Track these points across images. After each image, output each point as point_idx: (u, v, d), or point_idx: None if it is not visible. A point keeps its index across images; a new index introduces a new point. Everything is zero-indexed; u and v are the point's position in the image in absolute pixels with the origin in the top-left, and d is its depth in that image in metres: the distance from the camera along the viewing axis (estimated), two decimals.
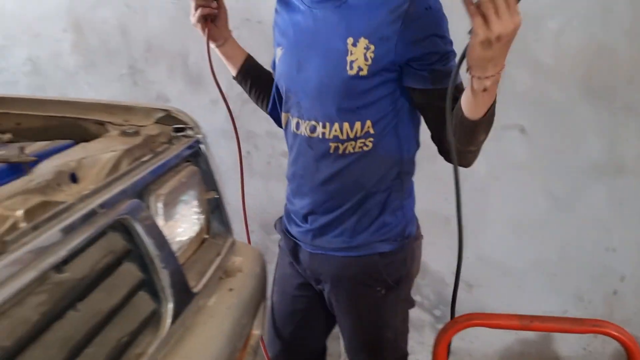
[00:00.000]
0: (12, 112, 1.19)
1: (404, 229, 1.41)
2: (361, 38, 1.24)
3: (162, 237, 0.88)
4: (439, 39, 1.22)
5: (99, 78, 2.29)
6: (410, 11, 1.19)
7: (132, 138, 1.02)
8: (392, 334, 1.49)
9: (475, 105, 1.11)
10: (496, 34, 0.97)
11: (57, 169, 0.83)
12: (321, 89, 1.28)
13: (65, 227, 0.70)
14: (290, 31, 1.38)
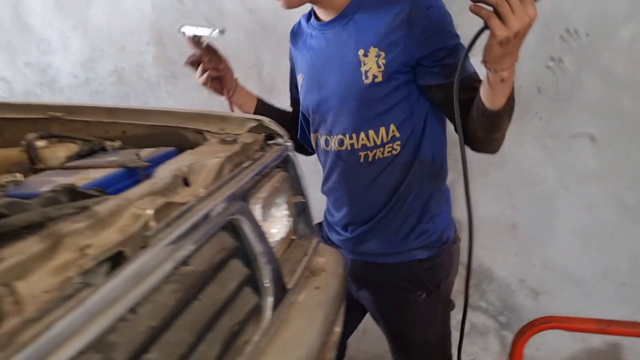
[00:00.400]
0: (119, 122, 1.31)
1: (442, 235, 1.49)
2: (371, 48, 1.33)
3: (264, 237, 0.97)
4: (445, 34, 1.29)
5: (178, 88, 2.43)
6: (412, 14, 1.27)
7: (231, 146, 1.11)
8: (434, 336, 1.56)
9: (494, 96, 1.16)
10: (514, 31, 1.02)
11: (173, 174, 0.93)
12: (342, 101, 1.37)
13: (190, 226, 0.79)
14: (306, 57, 1.50)
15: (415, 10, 1.27)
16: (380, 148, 1.38)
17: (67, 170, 1.07)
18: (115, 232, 0.76)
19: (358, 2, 1.36)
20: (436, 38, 1.28)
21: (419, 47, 1.28)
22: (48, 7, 2.51)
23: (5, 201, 0.73)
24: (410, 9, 1.27)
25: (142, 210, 0.80)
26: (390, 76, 1.32)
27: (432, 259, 1.47)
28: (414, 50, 1.29)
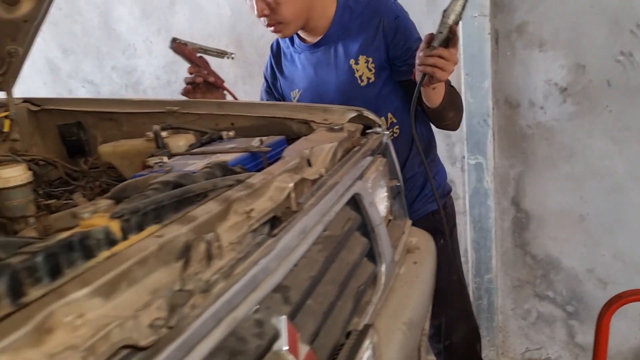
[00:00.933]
0: (229, 114, 1.45)
1: (443, 188, 1.87)
2: (360, 56, 1.65)
3: (378, 212, 1.08)
4: (410, 37, 1.62)
5: (254, 88, 2.58)
6: (385, 22, 1.61)
7: (339, 133, 1.23)
8: (455, 275, 1.83)
9: (430, 100, 1.51)
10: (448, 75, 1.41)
11: (300, 155, 1.06)
12: (345, 104, 1.57)
13: (329, 197, 0.91)
14: (299, 75, 1.79)
15: (387, 20, 1.61)
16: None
17: (197, 155, 1.21)
18: (267, 200, 0.90)
19: (338, 24, 1.67)
20: (403, 41, 1.61)
21: (392, 49, 1.62)
22: (135, 15, 2.71)
23: (178, 173, 0.87)
24: (383, 18, 1.61)
25: (284, 184, 0.93)
26: (379, 75, 1.65)
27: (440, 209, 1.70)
28: (389, 51, 1.62)
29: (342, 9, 1.68)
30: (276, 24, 1.62)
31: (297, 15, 1.61)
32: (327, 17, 1.68)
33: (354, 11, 1.66)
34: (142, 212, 0.73)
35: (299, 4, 1.59)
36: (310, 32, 1.71)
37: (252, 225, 0.81)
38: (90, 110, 1.61)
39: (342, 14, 1.67)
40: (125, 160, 1.42)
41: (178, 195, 0.78)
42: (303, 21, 1.65)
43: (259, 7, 1.57)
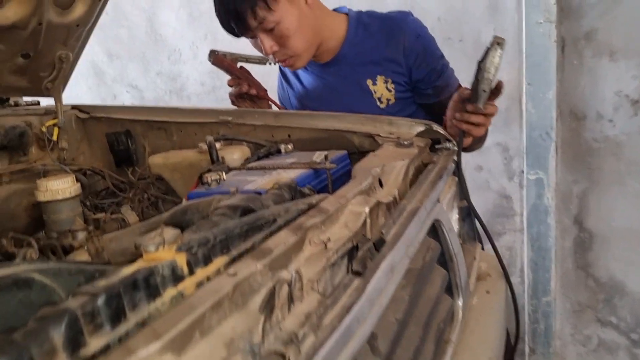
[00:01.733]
0: (285, 126, 1.36)
1: None
2: (378, 76, 1.53)
3: (457, 239, 0.98)
4: (433, 58, 1.51)
5: None
6: (405, 43, 1.48)
7: (409, 149, 1.14)
8: None
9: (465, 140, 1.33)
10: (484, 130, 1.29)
11: (372, 175, 0.96)
12: None
13: (412, 226, 0.81)
14: (311, 95, 1.67)
15: (407, 41, 1.49)
16: None
17: (255, 170, 1.13)
18: (342, 228, 0.80)
19: (351, 42, 1.55)
20: (427, 62, 1.50)
21: (415, 71, 1.50)
22: (181, 19, 2.66)
23: (247, 196, 0.79)
24: (403, 39, 1.49)
25: (360, 208, 0.84)
26: (400, 97, 1.53)
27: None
28: (412, 73, 1.51)
29: (355, 26, 1.56)
30: (287, 58, 1.50)
31: (308, 45, 1.49)
32: (338, 36, 1.56)
33: (368, 27, 1.54)
34: (211, 243, 0.64)
35: (308, 34, 1.48)
36: (321, 54, 1.59)
37: (330, 259, 0.71)
38: (139, 119, 1.55)
39: (356, 31, 1.55)
40: (176, 173, 1.35)
41: (250, 223, 0.70)
42: (315, 48, 1.53)
43: (266, 44, 1.45)
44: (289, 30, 1.43)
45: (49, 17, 1.32)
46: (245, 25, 1.43)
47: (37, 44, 1.36)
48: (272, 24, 1.41)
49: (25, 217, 1.31)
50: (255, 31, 1.44)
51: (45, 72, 1.46)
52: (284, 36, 1.44)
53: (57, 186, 1.19)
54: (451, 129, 1.31)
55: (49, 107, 1.56)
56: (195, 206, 0.82)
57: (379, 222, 0.88)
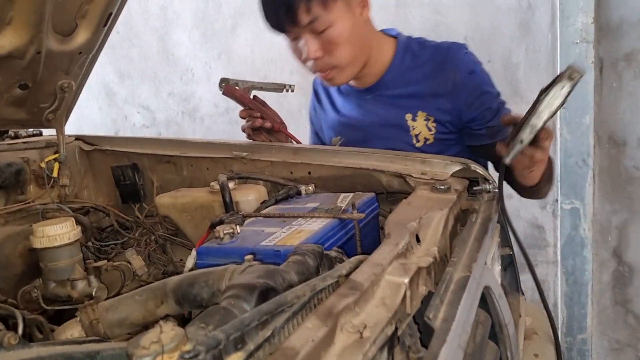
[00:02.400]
0: (305, 162, 1.24)
1: None
2: (419, 112, 1.37)
3: (507, 307, 0.84)
4: (488, 96, 1.35)
5: None
6: (457, 80, 1.33)
7: (446, 195, 1.01)
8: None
9: (527, 178, 1.18)
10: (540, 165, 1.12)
11: (409, 232, 0.83)
12: None
13: (464, 304, 0.68)
14: (343, 121, 1.51)
15: (460, 77, 1.33)
16: None
17: (273, 219, 1.00)
18: (379, 306, 0.67)
19: (396, 70, 1.40)
20: (481, 101, 1.34)
21: (467, 111, 1.34)
22: (194, 39, 2.56)
23: (266, 270, 0.66)
24: (455, 75, 1.33)
25: (398, 279, 0.71)
26: (441, 137, 1.37)
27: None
28: (462, 114, 1.35)
29: (402, 53, 1.41)
30: (330, 69, 1.34)
31: (354, 59, 1.33)
32: (384, 60, 1.41)
33: (417, 57, 1.39)
34: (223, 344, 0.51)
35: (357, 47, 1.32)
36: (362, 77, 1.43)
37: (368, 353, 0.58)
38: (147, 152, 1.43)
39: (403, 58, 1.40)
40: (185, 215, 1.23)
41: (270, 312, 0.57)
42: (359, 66, 1.37)
43: (312, 47, 1.28)
44: (340, 36, 1.28)
45: (48, 46, 1.21)
46: (295, 20, 1.26)
47: (36, 73, 1.26)
48: (324, 25, 1.26)
49: (20, 264, 1.20)
50: (302, 31, 1.28)
51: (45, 103, 1.35)
52: (333, 42, 1.28)
53: (54, 231, 1.08)
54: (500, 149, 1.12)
55: (50, 139, 1.45)
56: (204, 279, 0.70)
57: (420, 291, 0.76)
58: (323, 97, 1.61)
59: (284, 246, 0.84)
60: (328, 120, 1.59)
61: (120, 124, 2.87)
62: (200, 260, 0.89)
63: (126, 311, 0.80)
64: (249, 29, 2.44)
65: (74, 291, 1.08)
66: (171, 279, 0.77)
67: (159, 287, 0.79)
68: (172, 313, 0.79)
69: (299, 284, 0.68)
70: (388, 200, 1.19)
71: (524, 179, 1.18)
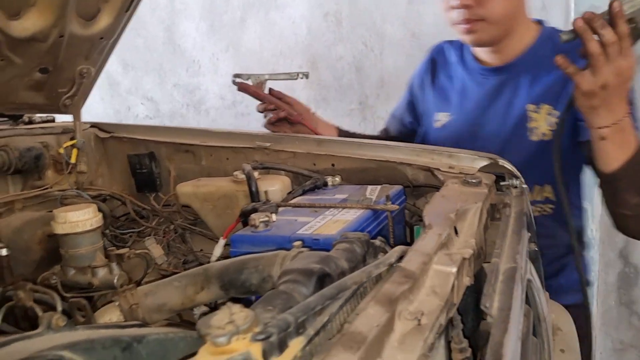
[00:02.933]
0: (329, 154, 1.23)
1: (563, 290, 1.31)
2: (543, 105, 1.28)
3: (544, 298, 0.84)
4: None
5: (329, 112, 2.37)
6: None
7: (478, 189, 1.00)
8: None
9: (601, 156, 1.08)
10: (600, 83, 0.97)
11: (447, 223, 0.83)
12: (499, 154, 1.20)
13: (516, 295, 0.68)
14: (456, 98, 1.43)
15: None
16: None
17: (303, 209, 0.99)
18: (429, 295, 0.67)
19: (532, 55, 1.31)
20: None
21: None
22: (202, 30, 2.54)
23: (320, 256, 0.65)
24: None
25: (447, 268, 0.71)
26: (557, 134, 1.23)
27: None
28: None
29: (545, 39, 1.32)
30: (476, 21, 1.26)
31: (504, 18, 1.26)
32: (524, 42, 1.33)
33: (557, 48, 1.23)
34: (292, 327, 0.51)
35: (510, 6, 1.25)
36: (497, 52, 1.35)
37: (428, 340, 0.58)
38: (164, 140, 1.42)
39: (543, 45, 1.32)
40: (207, 204, 1.21)
41: (331, 297, 0.56)
42: (505, 32, 1.29)
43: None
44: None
45: (71, 29, 1.19)
46: None
47: (57, 57, 1.24)
48: None
49: (39, 250, 1.18)
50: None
51: (64, 88, 1.33)
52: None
53: (77, 217, 1.06)
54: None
55: (65, 126, 1.43)
56: (254, 264, 0.69)
57: (464, 282, 0.75)
58: (441, 66, 1.50)
59: (322, 235, 0.84)
60: (439, 94, 1.50)
61: (123, 114, 2.84)
62: (235, 248, 0.88)
63: (165, 297, 0.79)
64: (258, 22, 2.42)
65: (95, 279, 1.06)
66: (213, 264, 0.76)
67: (198, 273, 0.78)
68: (212, 300, 0.79)
69: (350, 271, 0.68)
70: (413, 194, 1.19)
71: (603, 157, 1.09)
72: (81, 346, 0.59)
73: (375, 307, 0.58)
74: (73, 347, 0.59)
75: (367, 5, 2.17)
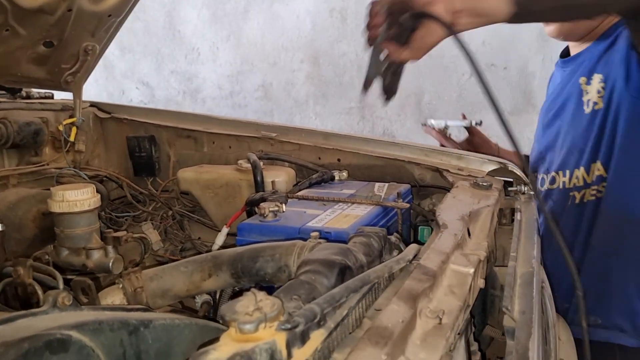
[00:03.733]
0: (336, 148, 1.22)
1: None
2: (594, 75, 1.18)
3: (554, 304, 0.84)
4: None
5: (327, 109, 2.36)
6: None
7: (488, 191, 0.99)
8: None
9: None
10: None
11: (462, 224, 0.81)
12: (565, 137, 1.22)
13: (536, 299, 0.66)
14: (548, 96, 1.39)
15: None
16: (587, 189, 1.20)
17: (310, 201, 0.98)
18: (448, 295, 0.65)
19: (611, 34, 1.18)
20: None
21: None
22: (203, 18, 2.50)
23: (339, 248, 0.63)
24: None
25: (464, 269, 0.69)
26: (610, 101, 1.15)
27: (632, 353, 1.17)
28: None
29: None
30: None
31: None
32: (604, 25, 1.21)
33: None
34: (319, 317, 0.49)
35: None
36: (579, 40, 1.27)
37: (449, 340, 0.56)
38: (166, 124, 1.39)
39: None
40: (208, 191, 1.19)
41: (356, 289, 0.54)
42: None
43: None
44: None
45: (80, 4, 1.16)
46: None
47: (63, 32, 1.20)
48: None
49: (33, 228, 1.14)
50: None
51: (67, 64, 1.29)
52: None
53: (75, 197, 1.02)
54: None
55: (65, 103, 1.40)
56: (270, 253, 0.67)
57: (478, 284, 0.74)
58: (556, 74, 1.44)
59: (334, 228, 0.82)
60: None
61: (117, 98, 2.80)
62: (241, 236, 0.86)
63: (170, 282, 0.76)
64: (262, 13, 2.40)
65: (89, 260, 1.03)
66: (223, 252, 0.74)
67: (206, 259, 0.75)
68: (219, 287, 0.76)
69: (368, 265, 0.66)
70: (419, 195, 1.17)
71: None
72: (89, 327, 0.57)
73: (399, 303, 0.57)
74: (81, 327, 0.56)
75: None
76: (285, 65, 2.38)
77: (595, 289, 1.16)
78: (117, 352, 0.60)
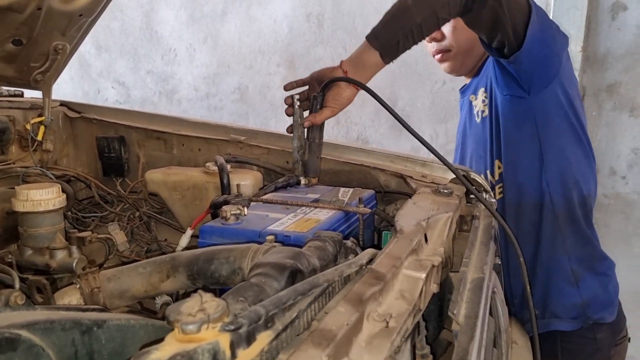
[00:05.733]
0: None
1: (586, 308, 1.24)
2: (480, 89, 1.34)
3: (506, 310, 0.86)
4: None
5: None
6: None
7: (449, 199, 1.01)
8: None
9: None
10: None
11: (419, 230, 0.83)
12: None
13: (483, 304, 0.68)
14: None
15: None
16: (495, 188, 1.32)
17: (274, 205, 0.99)
18: (398, 299, 0.67)
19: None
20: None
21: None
22: (181, 19, 2.50)
23: (292, 252, 0.64)
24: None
25: (416, 274, 0.71)
26: (492, 107, 1.29)
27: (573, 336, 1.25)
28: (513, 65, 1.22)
29: None
30: (445, 52, 1.39)
31: (469, 46, 1.35)
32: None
33: None
34: (263, 320, 0.50)
35: (472, 35, 1.24)
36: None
37: (395, 343, 0.58)
38: (136, 125, 1.39)
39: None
40: (175, 193, 1.20)
41: (304, 293, 0.56)
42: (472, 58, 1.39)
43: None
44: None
45: (50, 3, 1.16)
46: None
47: (33, 30, 1.20)
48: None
49: None
50: None
51: (36, 63, 1.29)
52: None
53: (39, 196, 1.02)
54: None
55: (34, 101, 1.39)
56: (225, 255, 0.68)
57: (431, 289, 0.76)
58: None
59: (294, 232, 0.83)
60: None
61: (92, 97, 2.78)
62: (203, 239, 0.87)
63: (128, 283, 0.77)
64: (239, 16, 2.40)
65: (52, 260, 1.03)
66: (181, 254, 0.75)
67: (165, 261, 0.76)
68: (177, 289, 0.77)
69: (321, 269, 0.68)
70: (383, 200, 1.19)
71: None
72: (40, 326, 0.57)
73: (345, 306, 0.58)
74: (31, 326, 0.57)
75: (350, 9, 2.17)
76: (261, 68, 2.38)
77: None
78: (68, 352, 0.60)
